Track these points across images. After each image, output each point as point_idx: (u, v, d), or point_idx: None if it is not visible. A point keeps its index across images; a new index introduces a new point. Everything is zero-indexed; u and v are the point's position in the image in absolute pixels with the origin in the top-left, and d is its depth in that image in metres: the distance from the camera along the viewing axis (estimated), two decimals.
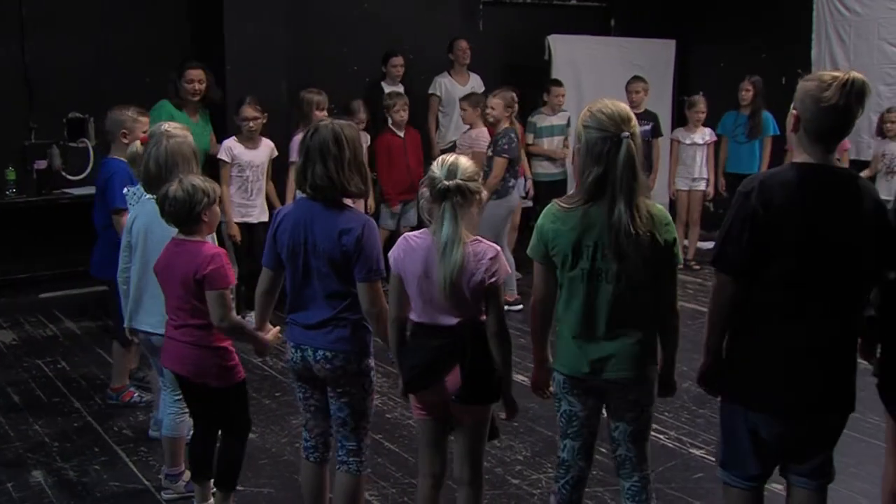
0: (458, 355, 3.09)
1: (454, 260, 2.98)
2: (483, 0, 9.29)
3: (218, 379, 3.59)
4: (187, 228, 3.56)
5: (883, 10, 8.35)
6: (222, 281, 3.47)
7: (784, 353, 2.86)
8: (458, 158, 3.08)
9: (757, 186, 2.82)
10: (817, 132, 2.81)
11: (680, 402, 5.01)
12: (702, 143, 8.43)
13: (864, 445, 4.42)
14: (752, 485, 3.03)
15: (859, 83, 2.76)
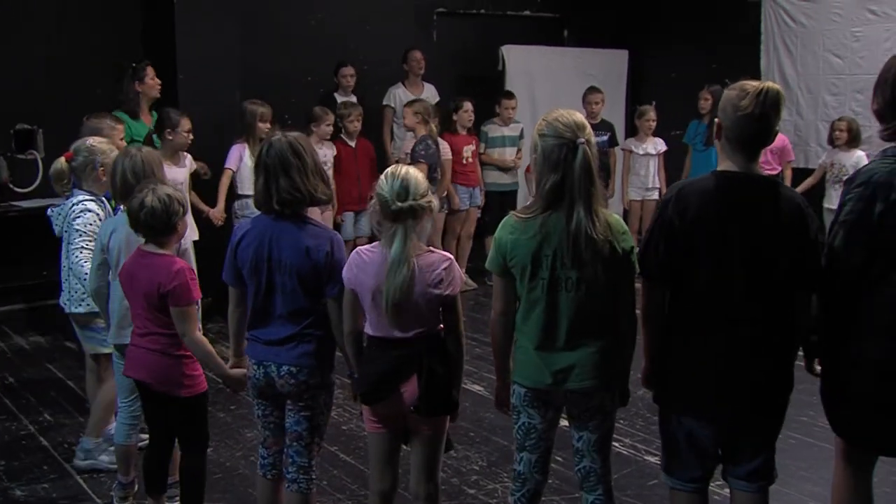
0: (415, 366, 3.09)
1: (398, 280, 2.97)
2: (437, 10, 9.31)
3: (183, 388, 3.55)
4: (160, 239, 3.53)
5: (827, 22, 8.52)
6: (186, 297, 3.44)
7: (708, 359, 2.92)
8: (409, 173, 3.04)
9: (675, 195, 2.90)
10: (737, 140, 2.88)
11: (635, 409, 5.05)
12: (654, 153, 8.53)
13: (816, 449, 4.48)
14: (696, 486, 3.08)
15: (773, 93, 2.84)
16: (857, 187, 2.78)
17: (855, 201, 2.77)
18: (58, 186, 4.29)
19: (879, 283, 2.78)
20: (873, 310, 2.81)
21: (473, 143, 8.01)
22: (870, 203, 2.74)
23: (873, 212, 2.74)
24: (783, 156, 8.11)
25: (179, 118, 5.77)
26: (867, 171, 2.80)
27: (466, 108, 7.90)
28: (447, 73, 8.92)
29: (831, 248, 2.84)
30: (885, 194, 2.73)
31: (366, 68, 8.34)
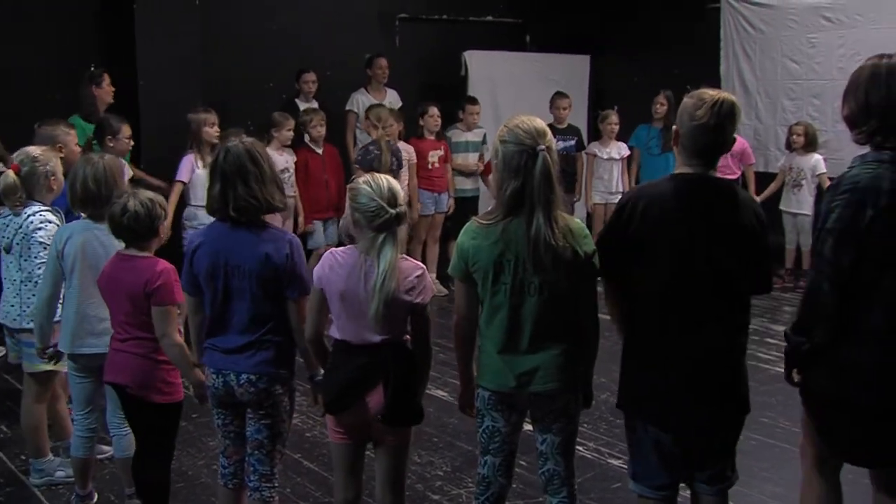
0: (381, 374, 3.09)
1: (389, 289, 2.98)
2: (399, 16, 9.31)
3: (160, 394, 3.53)
4: (141, 243, 3.52)
5: (784, 29, 8.64)
6: (169, 297, 3.43)
7: (666, 364, 2.94)
8: (389, 180, 3.07)
9: (631, 198, 2.94)
10: (693, 148, 2.93)
11: (598, 412, 5.07)
12: (618, 157, 8.60)
13: (777, 450, 4.53)
14: (663, 494, 3.08)
15: (728, 104, 2.89)
16: (843, 194, 2.79)
17: (843, 208, 2.78)
18: (9, 201, 4.14)
19: (869, 289, 2.80)
20: (863, 316, 2.82)
21: (441, 149, 8.01)
22: (858, 209, 2.75)
23: (862, 218, 2.75)
24: (743, 159, 8.21)
25: (120, 125, 5.70)
26: (851, 177, 2.81)
27: (432, 113, 7.91)
28: (410, 78, 8.92)
29: (821, 255, 2.84)
30: (873, 200, 2.74)
31: (328, 74, 8.32)
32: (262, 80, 8.30)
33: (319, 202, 7.48)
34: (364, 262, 3.03)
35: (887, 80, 2.81)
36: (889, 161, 2.78)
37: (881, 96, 2.80)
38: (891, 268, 2.78)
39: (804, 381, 3.01)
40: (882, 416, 2.86)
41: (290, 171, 7.07)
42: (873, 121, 2.82)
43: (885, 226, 2.75)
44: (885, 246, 2.76)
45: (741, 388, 3.04)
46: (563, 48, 9.87)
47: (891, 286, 2.78)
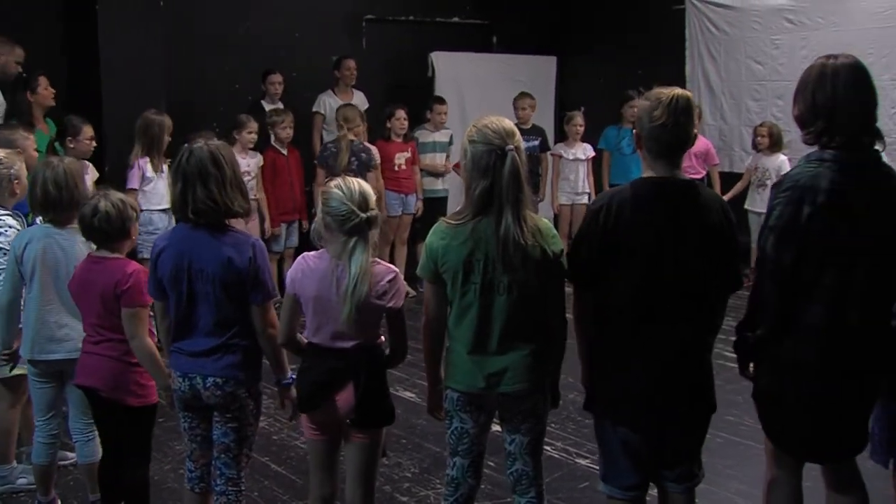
0: (351, 377, 3.09)
1: (361, 294, 2.98)
2: (366, 17, 9.29)
3: (133, 396, 3.51)
4: (113, 244, 3.49)
5: (748, 30, 8.72)
6: (139, 298, 3.41)
7: (636, 365, 2.95)
8: (361, 184, 3.06)
9: (605, 204, 2.93)
10: (655, 149, 2.95)
11: (566, 412, 5.08)
12: (584, 158, 8.62)
13: (743, 448, 4.57)
14: (632, 494, 3.09)
15: (683, 101, 2.90)
16: (784, 192, 2.84)
17: (783, 206, 2.82)
18: None
19: (810, 286, 2.84)
20: (804, 312, 2.86)
21: (408, 151, 7.99)
22: (797, 207, 2.79)
23: (801, 215, 2.79)
24: (707, 159, 8.28)
25: (82, 125, 5.64)
26: (792, 175, 2.86)
27: (399, 115, 7.89)
28: (377, 79, 8.90)
29: (763, 252, 2.89)
30: (811, 198, 2.78)
31: (294, 75, 8.28)
32: (229, 82, 8.25)
33: (286, 205, 7.45)
34: (336, 267, 3.03)
35: (832, 80, 2.85)
36: (830, 160, 2.82)
37: (827, 97, 2.84)
38: (830, 265, 2.82)
39: (755, 376, 3.07)
40: (822, 412, 2.92)
41: (251, 175, 7.02)
42: (820, 121, 2.86)
43: (824, 223, 2.79)
44: (824, 243, 2.81)
45: (709, 388, 3.07)
46: (530, 49, 9.90)
47: (831, 283, 2.82)
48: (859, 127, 2.85)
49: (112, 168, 6.64)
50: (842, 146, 2.83)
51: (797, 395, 2.92)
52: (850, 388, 2.92)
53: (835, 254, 2.82)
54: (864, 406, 3.00)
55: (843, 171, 2.80)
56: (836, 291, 2.83)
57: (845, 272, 2.82)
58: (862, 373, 2.92)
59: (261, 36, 8.42)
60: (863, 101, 2.87)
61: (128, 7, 7.04)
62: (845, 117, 2.83)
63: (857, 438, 3.03)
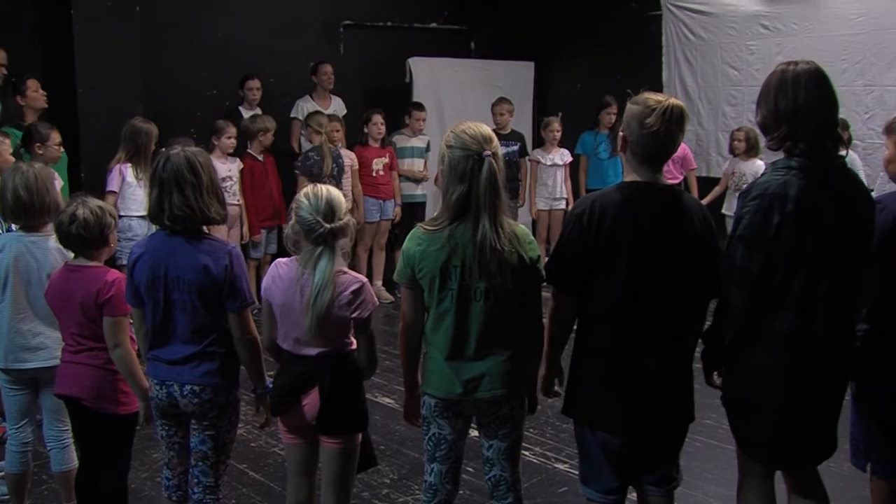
0: (315, 383, 3.10)
1: (322, 303, 2.98)
2: (343, 23, 9.29)
3: (118, 405, 3.48)
4: (91, 252, 3.46)
5: (724, 36, 8.77)
6: (121, 307, 3.38)
7: (618, 369, 2.96)
8: (330, 192, 3.06)
9: (588, 207, 2.93)
10: (643, 155, 2.94)
11: (544, 417, 5.09)
12: (561, 163, 8.64)
13: (720, 451, 4.58)
14: (613, 498, 3.09)
15: (678, 111, 2.91)
16: (753, 200, 2.84)
17: (752, 214, 2.83)
18: None
19: (778, 294, 2.85)
20: (773, 320, 2.87)
21: (386, 156, 7.99)
22: (767, 215, 2.80)
23: (770, 224, 2.80)
24: (685, 164, 8.32)
25: (49, 132, 5.59)
26: (761, 183, 2.87)
27: (376, 120, 7.89)
28: (354, 85, 8.91)
29: (732, 261, 2.90)
30: (780, 206, 2.79)
31: (272, 81, 8.27)
32: (205, 88, 8.24)
33: (265, 211, 7.43)
34: (301, 276, 3.04)
35: (793, 86, 2.86)
36: (797, 168, 2.83)
37: (788, 102, 2.86)
38: (798, 273, 2.83)
39: (724, 387, 3.07)
40: (791, 419, 2.93)
41: (233, 180, 7.00)
42: (784, 126, 2.87)
43: (792, 232, 2.80)
44: (792, 252, 2.82)
45: (690, 394, 3.07)
46: (508, 55, 9.93)
47: (798, 291, 2.83)
48: (822, 132, 2.87)
49: (88, 174, 6.61)
50: (807, 152, 2.85)
51: (766, 403, 2.93)
52: (818, 395, 2.93)
53: (803, 261, 2.83)
54: (832, 413, 3.01)
55: (810, 179, 2.82)
56: (805, 299, 2.84)
57: (813, 279, 2.83)
58: (829, 379, 2.93)
59: (238, 42, 8.41)
60: (824, 106, 2.89)
61: (103, 14, 7.02)
62: (808, 122, 2.84)
63: (826, 445, 3.04)
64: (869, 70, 7.44)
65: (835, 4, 7.91)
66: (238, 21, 8.49)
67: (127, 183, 6.17)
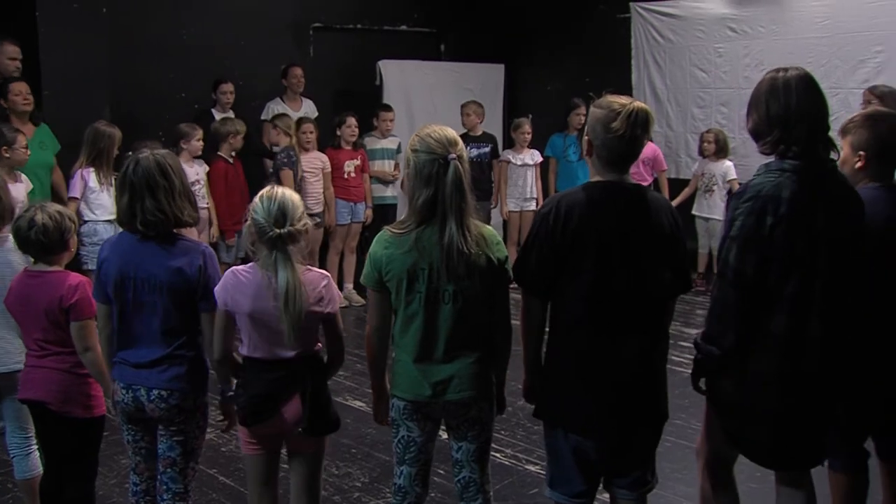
0: (297, 386, 3.07)
1: (299, 307, 2.95)
2: (313, 25, 9.27)
3: (84, 408, 3.45)
4: (51, 257, 3.42)
5: (692, 39, 8.86)
6: (87, 310, 3.35)
7: (590, 371, 2.95)
8: (285, 196, 3.02)
9: (554, 207, 2.93)
10: (608, 158, 2.95)
11: (515, 419, 5.10)
12: (532, 164, 8.66)
13: (689, 451, 4.58)
14: (580, 501, 3.09)
15: (643, 114, 2.91)
16: (747, 202, 2.85)
17: (745, 216, 2.83)
18: None
19: (773, 296, 2.85)
20: (767, 322, 2.87)
21: (358, 159, 7.98)
22: (760, 217, 2.81)
23: (764, 225, 2.80)
24: (656, 166, 8.37)
25: (15, 134, 5.51)
26: (754, 185, 2.87)
27: (350, 123, 7.88)
28: (324, 87, 8.89)
29: (725, 263, 2.89)
30: (774, 208, 2.80)
31: (241, 83, 8.22)
32: (174, 91, 8.18)
33: (237, 214, 7.39)
34: (269, 280, 3.00)
35: (785, 92, 2.89)
36: (790, 170, 2.85)
37: (780, 107, 2.89)
38: (792, 275, 2.84)
39: (715, 389, 3.05)
40: (785, 421, 2.94)
41: (201, 183, 6.95)
42: (776, 131, 2.89)
43: (785, 234, 2.81)
44: (786, 254, 2.82)
45: (663, 396, 3.08)
46: (478, 57, 9.95)
47: (792, 293, 2.84)
48: (813, 136, 2.89)
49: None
50: (799, 155, 2.86)
51: (761, 406, 2.93)
52: (813, 398, 2.94)
53: (796, 264, 2.83)
54: (826, 414, 3.01)
55: (803, 181, 2.83)
56: (798, 301, 2.84)
57: (806, 282, 2.84)
58: (823, 382, 2.94)
59: (206, 44, 8.36)
60: (815, 111, 2.91)
61: (69, 16, 6.94)
62: (800, 127, 2.86)
63: (822, 446, 3.06)
64: (834, 73, 7.53)
65: (801, 8, 8.01)
66: (207, 23, 8.45)
67: (90, 188, 6.11)
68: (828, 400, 2.98)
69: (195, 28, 8.37)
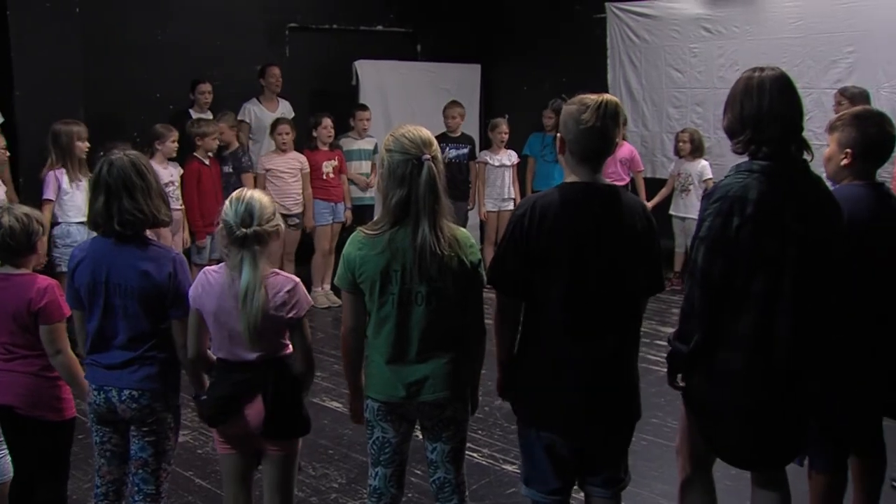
0: (259, 389, 3.06)
1: (255, 307, 2.95)
2: (289, 25, 9.23)
3: (54, 411, 3.42)
4: (18, 260, 3.39)
5: (667, 39, 8.90)
6: (57, 313, 3.33)
7: (565, 370, 2.96)
8: (253, 197, 3.02)
9: (529, 208, 2.93)
10: (581, 153, 2.95)
11: (493, 419, 5.11)
12: (509, 164, 8.67)
13: (666, 450, 4.62)
14: (555, 498, 3.11)
15: (612, 105, 2.92)
16: (715, 203, 2.86)
17: (713, 216, 2.85)
18: None
19: (740, 296, 2.87)
20: (734, 322, 2.88)
21: (335, 159, 7.96)
22: (727, 218, 2.82)
23: (730, 226, 2.82)
24: (632, 166, 8.40)
25: None
26: (723, 186, 2.89)
27: (325, 124, 7.86)
28: (300, 88, 8.85)
29: (694, 264, 2.91)
30: (740, 208, 2.81)
31: (217, 84, 8.16)
32: (149, 91, 8.10)
33: (211, 215, 7.32)
34: (233, 281, 3.01)
35: (759, 92, 2.91)
36: (758, 171, 2.86)
37: (753, 107, 2.90)
38: (760, 275, 2.85)
39: (687, 388, 3.08)
40: (757, 421, 2.95)
41: (175, 185, 6.90)
42: (748, 131, 2.91)
43: (751, 234, 2.82)
44: (752, 254, 2.84)
45: (636, 394, 3.09)
46: (454, 57, 9.94)
47: (760, 292, 2.86)
48: (786, 136, 2.91)
49: (27, 180, 6.47)
50: (770, 156, 2.88)
51: (731, 405, 2.95)
52: (784, 397, 2.95)
53: (764, 264, 2.85)
54: (800, 413, 3.02)
55: (772, 182, 2.84)
56: (766, 301, 2.86)
57: (774, 282, 2.85)
58: (795, 381, 2.95)
59: (182, 44, 8.30)
60: (789, 112, 2.93)
61: (42, 15, 6.86)
62: (772, 127, 2.88)
63: (794, 444, 3.07)
64: (807, 73, 7.59)
65: (774, 9, 8.07)
66: (183, 23, 8.38)
67: (63, 189, 6.06)
68: (797, 399, 2.99)
69: (171, 28, 8.31)
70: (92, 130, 6.46)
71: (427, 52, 10.25)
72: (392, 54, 9.76)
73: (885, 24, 7.36)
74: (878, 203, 3.25)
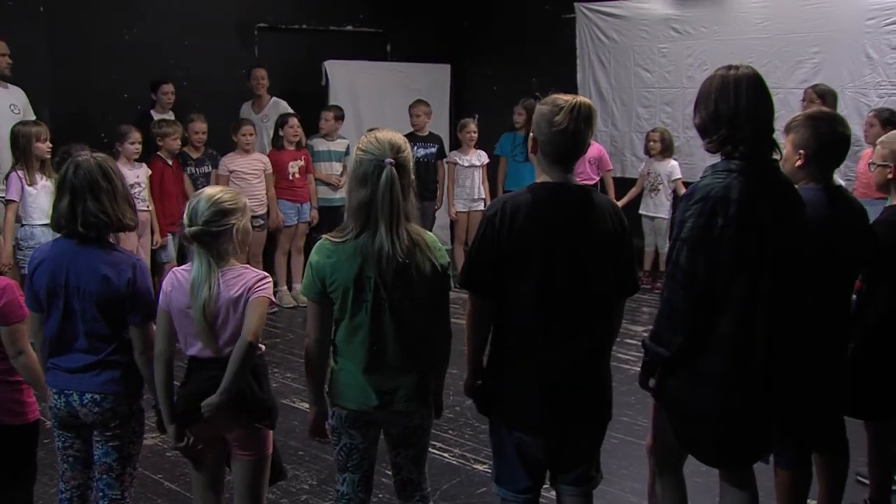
0: None
1: (200, 301, 2.95)
2: (258, 25, 9.18)
3: (15, 415, 3.35)
4: None
5: (636, 39, 8.95)
6: (16, 314, 3.25)
7: (536, 371, 2.96)
8: (201, 197, 3.03)
9: (500, 209, 2.92)
10: (553, 154, 2.94)
11: (463, 419, 5.10)
12: (478, 164, 8.68)
13: (636, 448, 4.65)
14: (526, 497, 3.11)
15: (586, 108, 2.91)
16: (696, 203, 2.84)
17: (696, 217, 2.83)
18: None
19: (722, 297, 2.86)
20: (715, 323, 2.88)
21: (302, 159, 7.92)
22: (710, 218, 2.81)
23: (714, 227, 2.81)
24: (601, 166, 8.44)
25: None
26: (703, 187, 2.87)
27: (292, 123, 7.83)
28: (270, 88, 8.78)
29: (676, 265, 2.88)
30: (723, 209, 2.80)
31: (185, 84, 8.11)
32: (116, 91, 8.03)
33: (172, 215, 7.29)
34: None
35: (735, 90, 2.89)
36: (737, 171, 2.85)
37: (729, 106, 2.89)
38: (740, 276, 2.85)
39: (664, 388, 3.05)
40: (733, 421, 2.96)
41: (141, 186, 6.84)
42: (723, 129, 2.89)
43: (735, 235, 2.81)
44: (735, 254, 2.83)
45: (608, 394, 3.10)
46: (424, 57, 9.94)
47: (740, 294, 2.86)
48: (760, 136, 2.91)
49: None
50: (745, 155, 2.87)
51: (714, 406, 2.95)
52: (758, 397, 2.96)
53: (745, 265, 2.85)
54: (769, 412, 3.04)
55: (750, 182, 2.84)
56: (746, 301, 2.86)
57: (753, 282, 2.85)
58: (768, 381, 2.96)
59: (150, 44, 8.23)
60: (763, 111, 2.93)
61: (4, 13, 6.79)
62: (747, 126, 2.87)
63: (765, 442, 3.09)
64: (774, 73, 7.65)
65: (741, 9, 8.14)
66: (151, 23, 8.31)
67: (27, 191, 5.99)
68: (771, 398, 3.01)
69: (138, 27, 8.24)
70: (58, 131, 6.40)
71: (397, 52, 10.23)
72: (362, 54, 9.74)
73: (849, 24, 7.45)
74: (833, 206, 3.25)
